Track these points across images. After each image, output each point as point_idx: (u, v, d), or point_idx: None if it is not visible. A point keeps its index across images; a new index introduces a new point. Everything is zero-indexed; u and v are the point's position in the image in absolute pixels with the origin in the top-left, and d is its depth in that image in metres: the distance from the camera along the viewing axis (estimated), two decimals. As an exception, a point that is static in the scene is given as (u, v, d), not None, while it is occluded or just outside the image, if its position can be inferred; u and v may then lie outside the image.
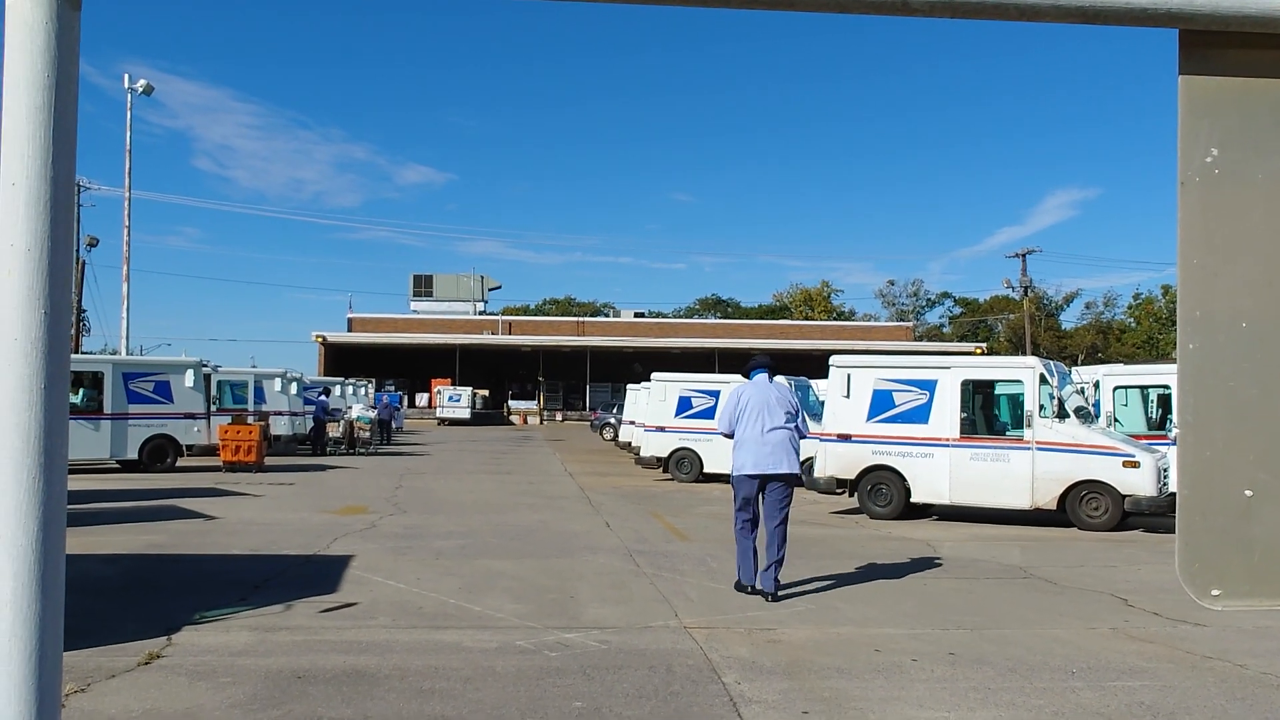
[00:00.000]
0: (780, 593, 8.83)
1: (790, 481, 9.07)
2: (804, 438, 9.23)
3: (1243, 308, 1.04)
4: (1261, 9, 1.00)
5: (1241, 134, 1.05)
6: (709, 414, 20.51)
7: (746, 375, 9.51)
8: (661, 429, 22.05)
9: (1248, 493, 1.06)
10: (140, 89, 37.89)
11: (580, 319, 76.29)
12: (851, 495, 15.58)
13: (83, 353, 41.24)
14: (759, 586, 8.87)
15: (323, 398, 31.22)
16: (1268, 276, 1.05)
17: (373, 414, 34.01)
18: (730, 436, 9.19)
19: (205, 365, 25.43)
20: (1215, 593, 1.08)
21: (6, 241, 0.97)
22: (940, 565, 10.92)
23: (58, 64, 0.96)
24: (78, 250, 45.46)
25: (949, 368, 15.15)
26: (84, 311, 49.46)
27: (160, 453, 22.40)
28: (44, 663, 0.97)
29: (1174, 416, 13.68)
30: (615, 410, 41.41)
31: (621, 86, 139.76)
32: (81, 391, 21.95)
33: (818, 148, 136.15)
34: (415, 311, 71.54)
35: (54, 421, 0.97)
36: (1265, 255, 1.05)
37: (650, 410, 23.01)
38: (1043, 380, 14.16)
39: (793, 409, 9.10)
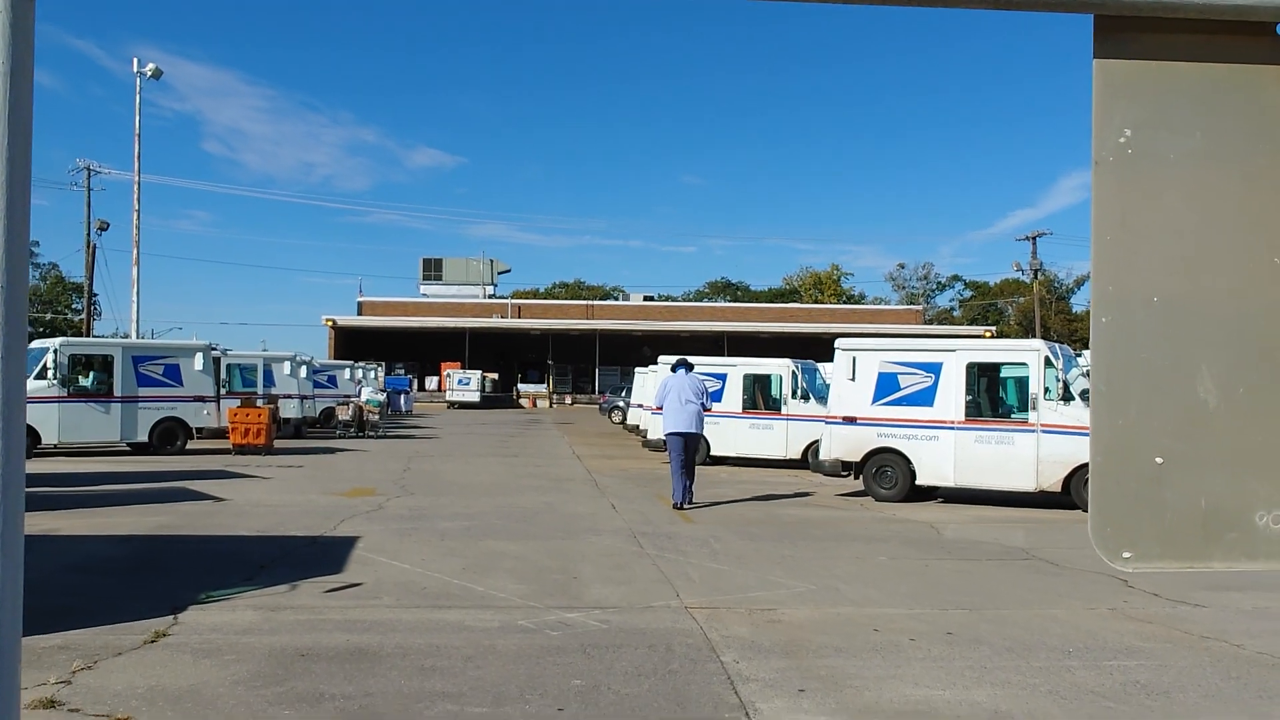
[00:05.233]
0: (692, 502, 13.99)
1: (698, 438, 14.26)
2: (708, 411, 14.40)
3: (1155, 283, 1.08)
4: None
5: (1155, 115, 1.08)
6: (716, 397, 20.54)
7: (673, 370, 14.48)
8: (668, 412, 22.09)
9: (1159, 460, 1.10)
10: (149, 73, 37.95)
11: (589, 302, 76.27)
12: (856, 478, 15.62)
13: (93, 336, 41.46)
14: (683, 503, 13.86)
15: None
16: (1180, 253, 1.09)
17: (382, 397, 34.10)
18: (660, 409, 14.67)
19: (214, 348, 25.55)
20: (1127, 555, 1.12)
21: None
22: (943, 547, 10.96)
23: (12, 53, 0.99)
24: (88, 234, 45.61)
25: (954, 350, 15.15)
26: (95, 295, 49.64)
27: (170, 435, 22.54)
28: (2, 645, 0.98)
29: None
30: (624, 393, 41.42)
31: (631, 69, 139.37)
32: (92, 374, 22.10)
33: (829, 130, 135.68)
34: (425, 295, 71.63)
35: (10, 395, 1.00)
36: (1177, 233, 1.09)
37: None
38: (1048, 363, 14.15)
39: (699, 392, 14.03)
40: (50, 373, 21.06)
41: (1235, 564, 1.11)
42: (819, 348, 39.32)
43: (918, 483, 14.97)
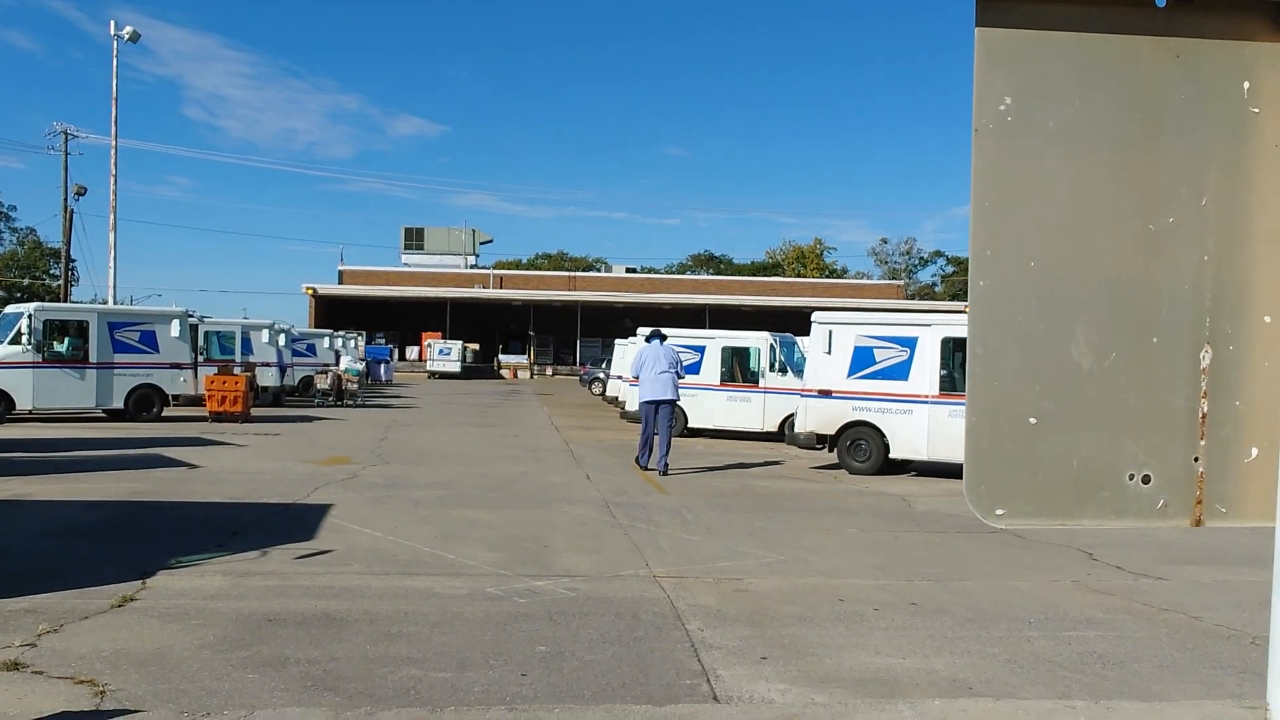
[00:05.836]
0: (668, 471, 14.38)
1: (672, 404, 14.72)
2: (681, 378, 15.02)
3: (1032, 249, 1.10)
4: None
5: (1035, 84, 1.09)
6: (694, 369, 20.62)
7: (647, 341, 15.21)
8: (647, 383, 22.12)
9: (1032, 420, 1.13)
10: (126, 36, 37.45)
11: (572, 274, 76.02)
12: (831, 451, 15.71)
13: (71, 302, 41.12)
14: (653, 466, 14.52)
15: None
16: (1056, 219, 1.11)
17: (361, 366, 33.98)
18: (636, 378, 15.07)
19: (192, 315, 25.38)
20: (1000, 512, 1.15)
21: None
22: (913, 520, 11.07)
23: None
24: (66, 199, 45.13)
25: (930, 325, 15.22)
26: (73, 261, 49.17)
27: (146, 402, 22.41)
28: None
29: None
30: (604, 365, 41.41)
31: (616, 39, 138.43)
32: (67, 340, 21.94)
33: (814, 104, 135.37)
34: (406, 264, 71.26)
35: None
36: (1055, 199, 1.11)
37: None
38: (1022, 338, 14.23)
39: (672, 361, 14.70)
40: (25, 338, 20.90)
41: (1105, 522, 1.15)
42: (800, 321, 39.19)
43: (891, 456, 15.07)
